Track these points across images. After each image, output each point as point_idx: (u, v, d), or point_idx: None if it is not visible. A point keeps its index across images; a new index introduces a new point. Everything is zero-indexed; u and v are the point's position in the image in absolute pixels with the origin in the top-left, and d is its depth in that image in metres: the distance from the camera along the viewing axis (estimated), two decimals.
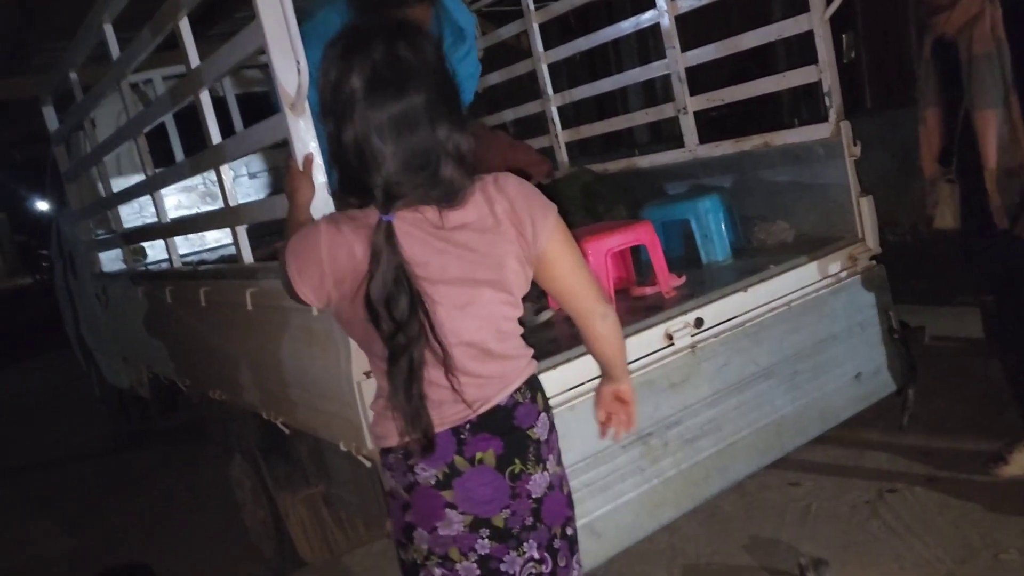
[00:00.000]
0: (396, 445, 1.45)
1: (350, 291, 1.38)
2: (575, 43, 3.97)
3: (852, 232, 2.94)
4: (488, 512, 1.44)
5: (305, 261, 1.41)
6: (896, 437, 3.22)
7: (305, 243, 1.41)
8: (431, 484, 1.43)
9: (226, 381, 2.93)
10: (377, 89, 1.30)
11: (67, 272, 5.38)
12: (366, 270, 1.34)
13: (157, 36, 2.52)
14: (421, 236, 1.36)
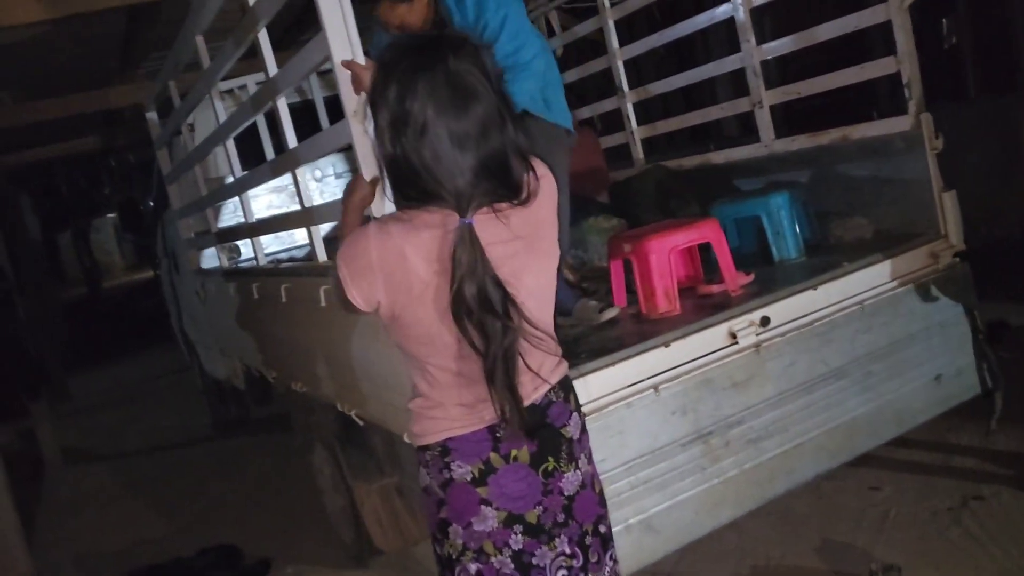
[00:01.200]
0: (433, 443, 1.50)
1: (407, 295, 1.41)
2: (648, 39, 3.95)
3: (934, 228, 2.83)
4: (521, 508, 1.48)
5: (355, 267, 1.43)
6: (985, 442, 3.09)
7: (355, 249, 1.45)
8: (466, 480, 1.48)
9: (306, 374, 3.07)
10: (450, 103, 1.35)
11: (171, 269, 5.71)
12: (426, 273, 1.38)
13: (239, 47, 2.67)
14: (493, 233, 1.39)
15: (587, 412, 2.15)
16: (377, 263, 1.41)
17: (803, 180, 3.26)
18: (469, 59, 1.38)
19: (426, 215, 1.40)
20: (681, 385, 2.31)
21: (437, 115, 1.34)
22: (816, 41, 3.16)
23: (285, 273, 3.06)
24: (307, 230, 2.61)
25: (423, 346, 1.46)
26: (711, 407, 2.34)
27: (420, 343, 1.47)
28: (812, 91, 3.25)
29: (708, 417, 2.33)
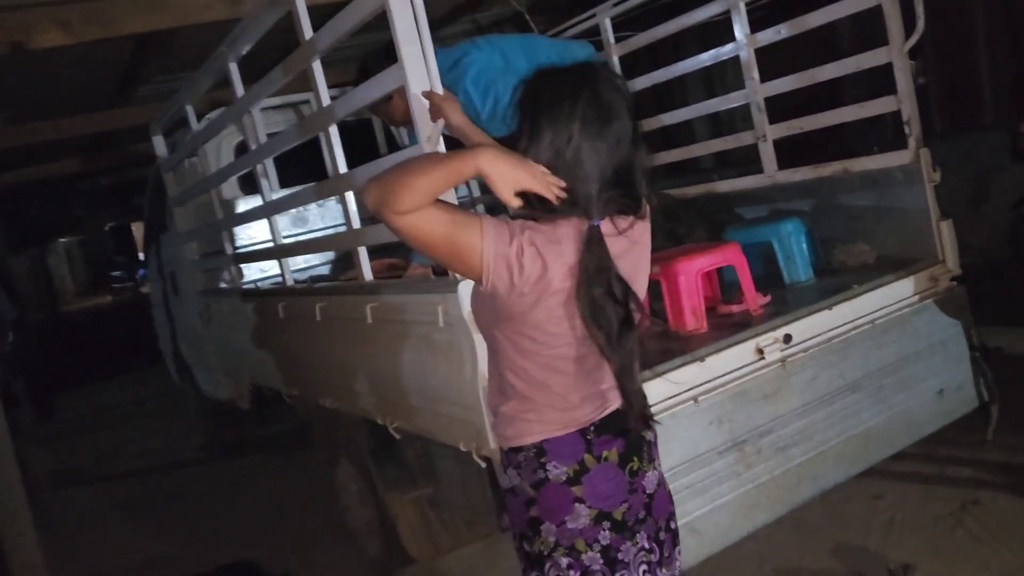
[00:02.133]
0: (529, 444, 1.60)
1: (537, 296, 1.50)
2: (653, 75, 4.16)
3: (932, 254, 3.06)
4: (610, 507, 1.59)
5: (498, 244, 1.49)
6: (977, 452, 3.30)
7: (499, 231, 1.50)
8: (562, 480, 1.58)
9: (339, 390, 3.16)
10: (596, 119, 1.52)
11: (167, 291, 5.73)
12: (560, 279, 1.50)
13: (288, 76, 2.79)
14: (615, 237, 1.55)
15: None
16: (514, 255, 1.49)
17: (806, 208, 3.47)
18: (611, 82, 1.56)
19: (562, 225, 1.52)
20: (718, 397, 2.48)
21: (583, 129, 1.51)
22: (818, 80, 3.39)
23: (321, 292, 3.16)
24: (354, 250, 2.72)
25: (539, 344, 1.56)
26: (744, 417, 2.50)
27: (536, 342, 1.56)
28: (814, 126, 3.48)
29: (742, 426, 2.49)
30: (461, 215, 1.52)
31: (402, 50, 2.06)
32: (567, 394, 1.60)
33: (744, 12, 3.59)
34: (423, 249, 1.54)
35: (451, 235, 1.48)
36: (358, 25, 2.32)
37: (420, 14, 2.05)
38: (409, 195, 1.44)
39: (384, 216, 1.47)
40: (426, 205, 1.46)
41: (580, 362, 1.58)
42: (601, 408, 1.62)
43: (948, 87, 6.38)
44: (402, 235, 1.50)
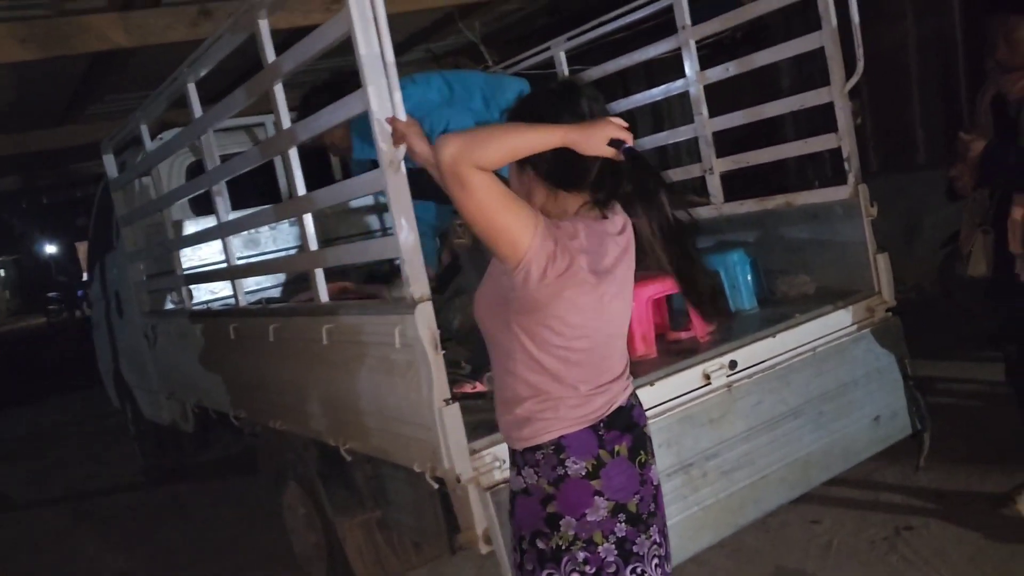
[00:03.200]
0: (546, 442, 1.67)
1: (576, 284, 1.59)
2: None
3: (869, 286, 3.21)
4: (625, 498, 1.68)
5: (546, 234, 1.56)
6: (911, 478, 3.44)
7: (548, 222, 1.58)
8: (581, 475, 1.65)
9: (290, 411, 3.15)
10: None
11: (110, 311, 5.61)
12: (578, 269, 1.58)
13: (251, 98, 2.81)
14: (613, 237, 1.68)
15: None
16: (553, 251, 1.57)
17: (751, 240, 3.61)
18: (591, 96, 1.68)
19: (575, 221, 1.63)
20: (666, 420, 2.55)
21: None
22: (763, 117, 3.54)
23: (275, 313, 3.16)
24: (310, 272, 2.74)
25: (557, 335, 1.63)
26: (691, 441, 2.58)
27: (555, 332, 1.62)
28: (759, 160, 3.63)
29: (689, 450, 2.57)
30: (518, 198, 1.59)
31: (366, 76, 2.10)
32: (580, 387, 1.67)
33: (694, 50, 3.73)
34: (475, 212, 1.55)
35: (509, 208, 1.54)
36: (323, 50, 2.36)
37: (385, 41, 2.10)
38: (495, 150, 1.52)
39: (459, 168, 1.50)
40: (500, 166, 1.54)
41: (591, 354, 1.67)
42: (608, 404, 1.70)
43: (884, 128, 6.68)
44: (467, 191, 1.51)
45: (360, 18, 2.09)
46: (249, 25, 2.67)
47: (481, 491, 2.26)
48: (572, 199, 1.69)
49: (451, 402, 2.20)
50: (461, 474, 2.23)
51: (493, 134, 1.55)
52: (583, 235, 1.62)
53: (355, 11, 2.09)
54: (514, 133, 1.57)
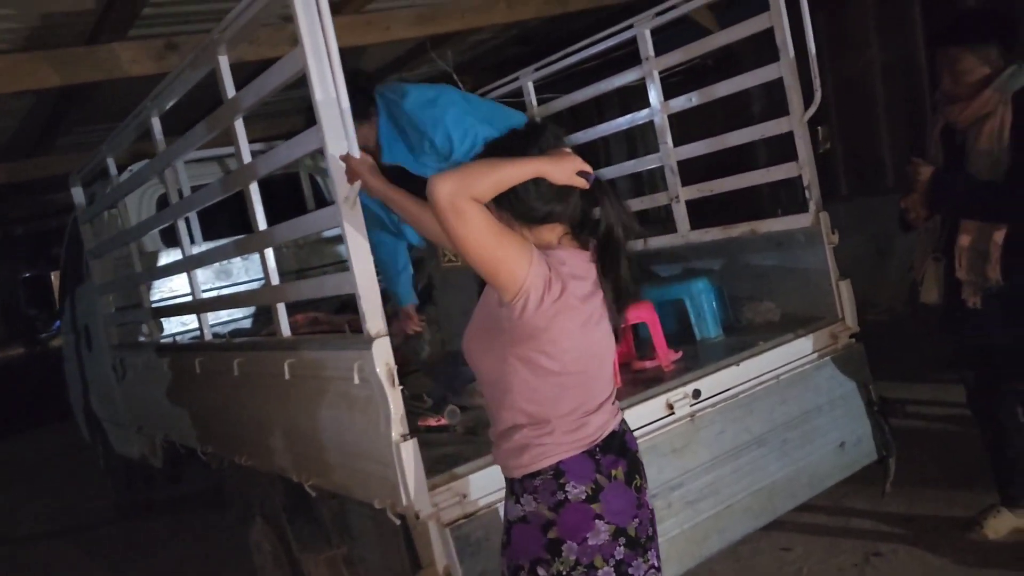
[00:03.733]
0: (545, 467, 1.70)
1: (566, 310, 1.65)
2: (574, 136, 4.31)
3: (832, 312, 3.23)
4: (624, 522, 1.70)
5: (542, 262, 1.65)
6: (880, 503, 3.44)
7: (539, 252, 1.67)
8: (582, 499, 1.68)
9: (255, 446, 3.12)
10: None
11: (80, 344, 5.56)
12: (570, 295, 1.66)
13: (212, 132, 2.81)
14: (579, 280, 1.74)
15: None
16: (549, 278, 1.65)
17: (716, 267, 3.63)
18: (555, 135, 1.79)
19: (560, 250, 1.72)
20: None
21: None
22: (727, 146, 3.57)
23: (239, 347, 3.13)
24: (273, 306, 2.72)
25: (552, 360, 1.68)
26: (655, 471, 2.56)
27: (551, 357, 1.68)
28: (724, 189, 3.66)
29: (653, 481, 2.51)
30: (509, 229, 1.68)
31: (320, 113, 2.11)
32: (574, 412, 1.72)
33: (658, 80, 3.77)
34: (475, 243, 1.61)
35: (505, 238, 1.63)
36: (280, 86, 2.36)
37: (338, 78, 2.11)
38: (487, 182, 1.61)
39: (459, 200, 1.57)
40: (490, 198, 1.63)
41: (583, 377, 1.73)
42: (601, 428, 1.75)
43: (853, 152, 6.77)
44: (466, 222, 1.58)
45: (314, 55, 2.10)
46: (209, 60, 2.68)
47: (441, 527, 2.24)
48: (549, 231, 1.76)
49: (409, 437, 2.19)
50: (420, 510, 2.21)
51: (482, 168, 1.64)
52: (571, 262, 1.70)
53: (309, 48, 2.10)
54: (499, 166, 1.65)
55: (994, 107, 2.69)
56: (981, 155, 2.72)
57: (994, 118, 2.69)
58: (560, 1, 4.92)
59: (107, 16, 3.46)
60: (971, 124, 2.76)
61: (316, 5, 2.09)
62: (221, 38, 2.56)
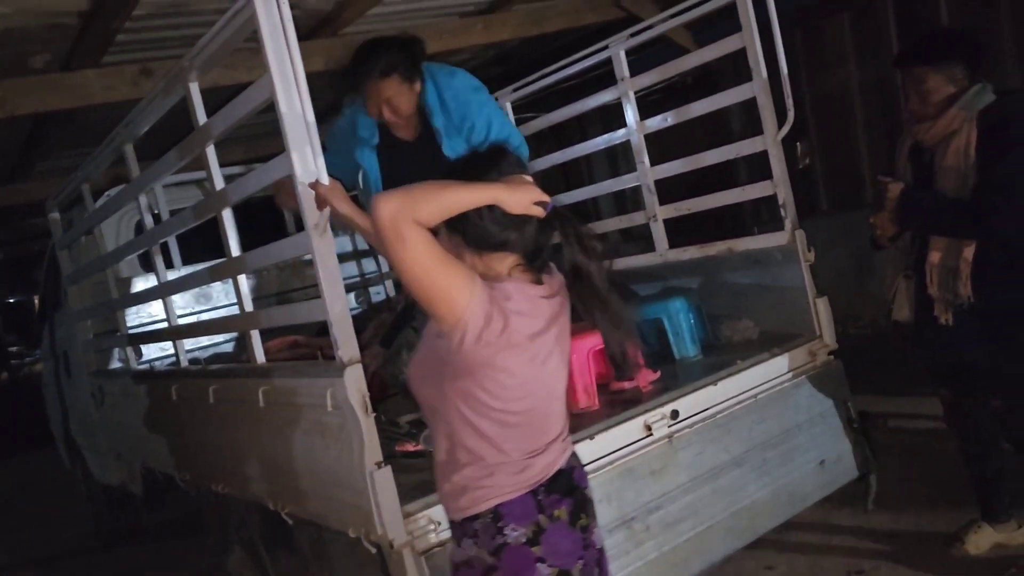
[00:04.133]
0: (484, 510, 1.65)
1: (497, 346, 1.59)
2: (552, 156, 4.32)
3: (810, 330, 3.23)
4: (569, 564, 1.66)
5: (483, 294, 1.58)
6: (862, 520, 3.44)
7: (482, 282, 1.61)
8: (522, 542, 1.64)
9: (231, 474, 3.09)
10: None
11: (59, 371, 5.51)
12: (514, 330, 1.60)
13: (184, 159, 2.80)
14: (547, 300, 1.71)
15: None
16: (491, 311, 1.58)
17: (694, 286, 3.63)
18: (514, 161, 1.76)
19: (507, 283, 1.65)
20: (606, 475, 2.53)
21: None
22: (703, 165, 3.59)
23: (214, 374, 3.11)
24: (247, 333, 2.70)
25: (494, 398, 1.62)
26: (633, 494, 2.56)
27: (492, 395, 1.62)
28: (700, 208, 3.67)
29: (631, 504, 2.55)
30: (453, 258, 1.61)
31: (288, 140, 2.11)
32: (518, 452, 1.66)
33: (634, 100, 3.79)
34: (414, 269, 1.55)
35: (447, 266, 1.56)
36: (250, 113, 2.36)
37: (306, 105, 2.10)
38: (433, 206, 1.54)
39: (401, 223, 1.50)
40: (436, 223, 1.56)
41: (528, 416, 1.68)
42: (548, 467, 1.69)
43: (833, 168, 6.82)
44: (407, 247, 1.52)
45: (282, 81, 2.10)
46: (181, 87, 2.67)
47: (416, 556, 2.21)
48: (500, 260, 1.70)
49: (383, 465, 2.17)
50: (394, 539, 2.18)
51: (430, 191, 1.56)
52: (517, 297, 1.64)
53: (276, 75, 2.09)
54: (450, 190, 1.59)
55: (960, 125, 2.71)
56: (949, 172, 2.73)
57: (960, 136, 2.71)
58: (536, 22, 4.95)
59: (80, 43, 3.46)
60: (938, 142, 2.78)
61: (283, 32, 2.09)
62: (192, 65, 2.56)
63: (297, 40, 2.10)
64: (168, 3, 3.39)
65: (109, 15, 3.21)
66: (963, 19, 5.72)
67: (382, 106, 2.96)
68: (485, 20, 4.80)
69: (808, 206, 6.55)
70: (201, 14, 3.56)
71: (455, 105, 3.05)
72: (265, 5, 2.06)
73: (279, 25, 2.07)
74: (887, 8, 6.13)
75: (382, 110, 2.98)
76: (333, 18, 4.06)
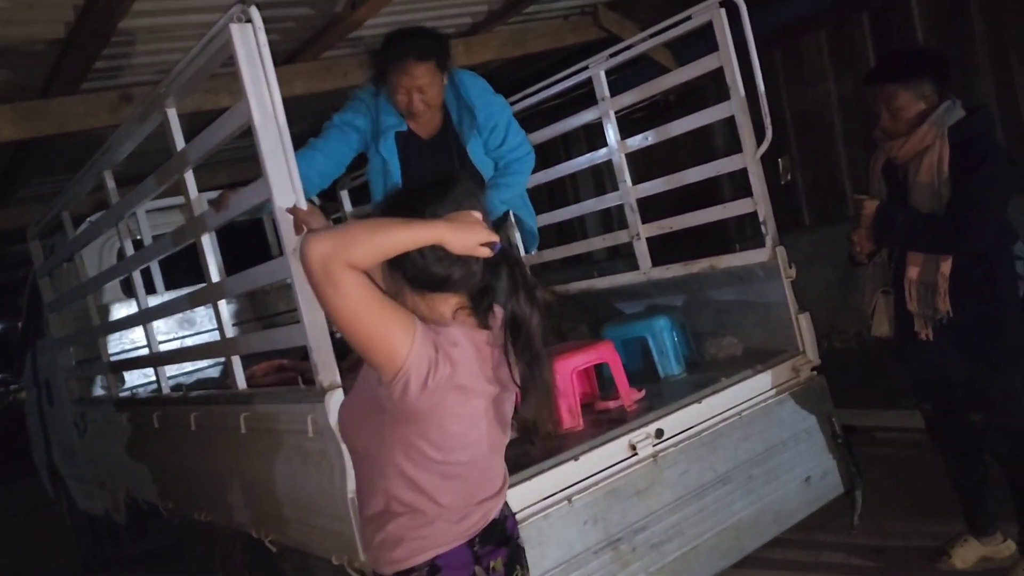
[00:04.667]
0: (421, 563, 1.56)
1: (442, 393, 1.49)
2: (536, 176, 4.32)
3: (793, 346, 3.23)
4: None
5: (425, 339, 1.47)
6: (850, 536, 3.42)
7: (425, 327, 1.50)
8: None
9: (214, 502, 3.06)
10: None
11: (42, 399, 5.46)
12: (460, 377, 1.51)
13: (162, 185, 2.79)
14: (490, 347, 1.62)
15: None
16: (435, 357, 1.48)
17: (678, 303, 3.63)
18: (471, 194, 1.64)
19: (453, 327, 1.55)
20: (591, 496, 2.51)
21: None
22: (684, 183, 3.60)
23: (195, 401, 3.08)
24: (227, 359, 2.68)
25: (436, 448, 1.53)
26: (619, 515, 2.54)
27: (434, 445, 1.53)
28: (683, 226, 3.67)
29: (616, 524, 2.53)
30: (392, 300, 1.50)
31: (266, 165, 2.10)
32: (458, 503, 1.59)
33: (614, 120, 3.81)
34: (349, 316, 1.43)
35: (385, 311, 1.44)
36: (227, 139, 2.35)
37: (283, 129, 2.10)
38: (369, 248, 1.41)
39: (333, 267, 1.38)
40: (372, 266, 1.44)
41: (470, 468, 1.60)
42: (484, 518, 1.63)
43: (814, 183, 6.86)
44: (340, 293, 1.40)
45: (259, 107, 2.10)
46: (158, 113, 2.66)
47: None
48: (443, 301, 1.60)
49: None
50: None
51: (365, 230, 1.44)
52: (463, 343, 1.55)
53: (253, 101, 2.09)
54: (387, 230, 1.46)
55: (932, 141, 2.74)
56: (922, 188, 2.76)
57: (932, 152, 2.74)
58: (518, 43, 4.98)
59: (58, 70, 3.45)
60: (911, 159, 2.80)
61: (260, 58, 2.09)
62: (168, 91, 2.55)
63: (275, 65, 2.11)
64: (147, 28, 3.39)
65: (87, 42, 3.20)
66: (938, 34, 5.79)
67: (413, 93, 2.84)
68: (467, 42, 4.82)
69: (791, 221, 6.58)
70: (182, 39, 3.56)
71: (481, 104, 3.02)
72: (241, 31, 2.06)
73: (255, 50, 2.08)
74: (863, 24, 6.21)
75: (412, 97, 2.85)
76: (313, 41, 4.06)
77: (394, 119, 3.00)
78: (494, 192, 3.06)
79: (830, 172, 6.67)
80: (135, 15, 3.13)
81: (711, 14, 3.17)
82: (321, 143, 2.94)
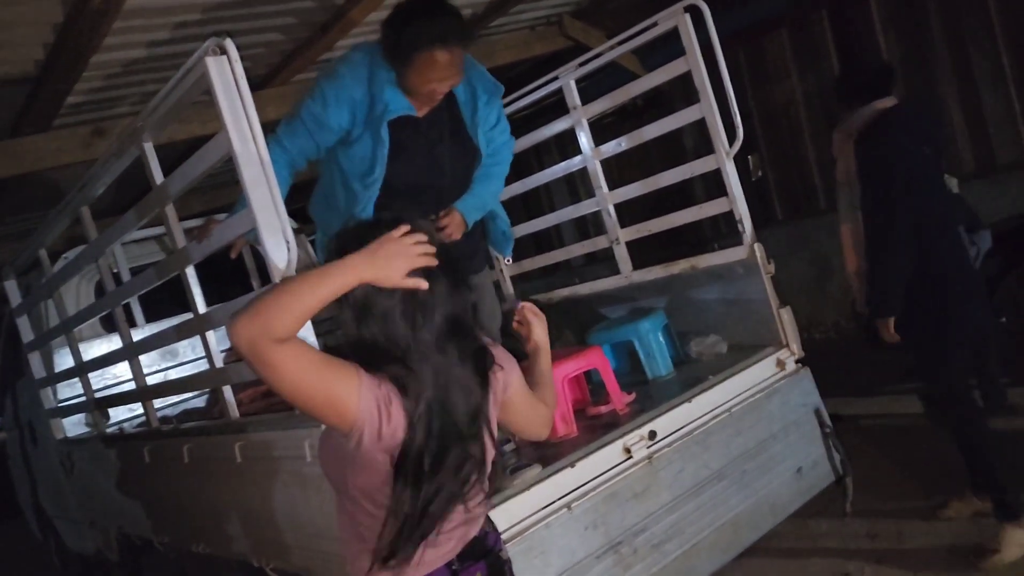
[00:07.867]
0: None
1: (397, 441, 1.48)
2: (511, 188, 4.36)
3: (777, 340, 3.28)
4: None
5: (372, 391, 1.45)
6: (844, 523, 3.48)
7: (370, 377, 1.46)
8: None
9: (212, 533, 3.04)
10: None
11: (24, 441, 5.38)
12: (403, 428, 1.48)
13: (143, 218, 2.78)
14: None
15: (511, 536, 2.33)
16: (384, 406, 1.46)
17: (661, 305, 3.68)
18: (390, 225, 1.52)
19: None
20: (591, 501, 2.54)
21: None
22: (660, 186, 3.65)
23: (187, 433, 3.07)
24: (219, 389, 2.68)
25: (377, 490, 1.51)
26: (618, 518, 2.57)
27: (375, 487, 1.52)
28: (661, 228, 3.72)
29: (616, 528, 2.55)
30: (332, 357, 1.46)
31: (250, 195, 2.11)
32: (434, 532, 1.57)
33: (587, 127, 3.85)
34: (292, 391, 1.41)
35: (326, 374, 1.42)
36: (208, 171, 2.36)
37: (265, 158, 2.11)
38: (289, 317, 1.35)
39: (261, 349, 1.34)
40: (300, 328, 1.38)
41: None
42: (462, 540, 1.63)
43: (784, 179, 6.97)
44: (277, 372, 1.37)
45: (239, 137, 2.10)
46: (134, 147, 2.66)
47: None
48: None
49: None
50: None
51: (280, 300, 1.36)
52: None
53: (233, 132, 2.09)
54: (302, 290, 1.38)
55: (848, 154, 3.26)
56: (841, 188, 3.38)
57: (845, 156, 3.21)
58: (487, 56, 5.01)
59: (29, 108, 3.43)
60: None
61: (237, 88, 2.09)
62: (145, 125, 2.55)
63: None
64: (118, 62, 3.39)
65: (59, 78, 3.19)
66: (896, 29, 5.92)
67: (444, 78, 2.50)
68: None
69: (763, 217, 6.68)
70: (154, 70, 3.56)
71: (477, 74, 2.74)
72: (217, 63, 2.07)
73: (231, 81, 2.08)
74: (823, 21, 6.33)
75: (439, 83, 2.52)
76: (283, 66, 4.07)
77: (403, 102, 2.58)
78: (486, 184, 2.86)
79: (799, 167, 6.79)
80: (106, 49, 3.12)
81: (676, 19, 3.22)
82: (285, 157, 2.65)
